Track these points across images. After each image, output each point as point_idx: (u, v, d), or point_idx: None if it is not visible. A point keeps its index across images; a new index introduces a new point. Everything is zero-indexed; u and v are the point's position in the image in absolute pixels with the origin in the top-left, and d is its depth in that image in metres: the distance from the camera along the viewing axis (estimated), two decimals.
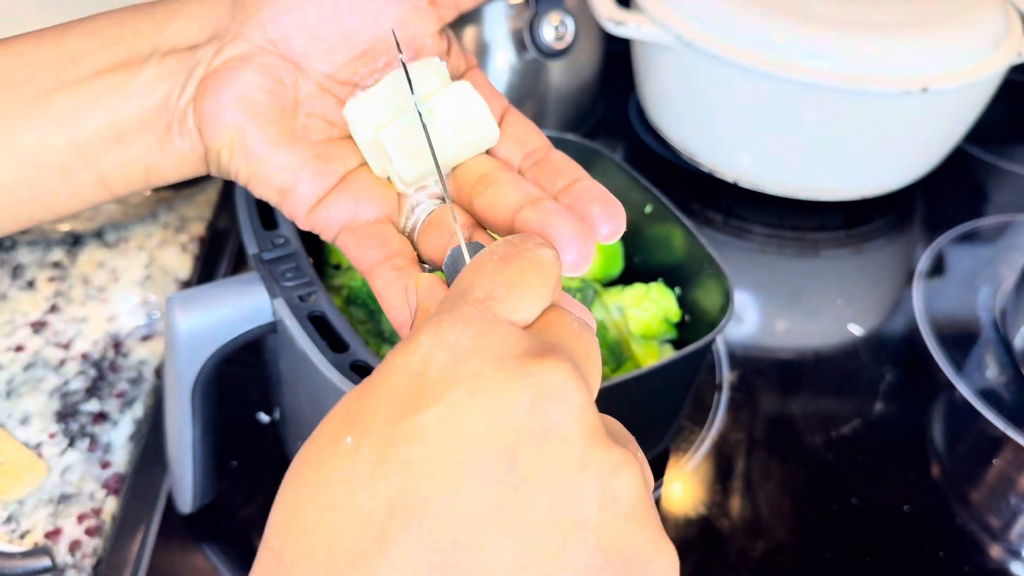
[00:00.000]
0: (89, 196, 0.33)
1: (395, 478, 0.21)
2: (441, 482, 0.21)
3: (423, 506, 0.20)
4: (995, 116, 0.73)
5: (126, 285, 0.58)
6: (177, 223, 0.64)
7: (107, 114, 0.32)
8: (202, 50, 0.32)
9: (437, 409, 0.21)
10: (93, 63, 0.32)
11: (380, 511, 0.20)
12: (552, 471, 0.21)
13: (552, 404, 0.22)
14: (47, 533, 0.45)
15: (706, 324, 0.49)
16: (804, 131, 0.66)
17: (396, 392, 0.22)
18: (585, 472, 0.22)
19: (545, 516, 0.21)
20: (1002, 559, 0.48)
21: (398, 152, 0.32)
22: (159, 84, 0.32)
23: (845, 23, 0.63)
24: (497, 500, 0.21)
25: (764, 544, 0.48)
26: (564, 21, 0.65)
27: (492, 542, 0.20)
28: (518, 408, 0.22)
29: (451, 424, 0.21)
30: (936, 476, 0.52)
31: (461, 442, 0.21)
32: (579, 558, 0.21)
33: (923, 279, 0.66)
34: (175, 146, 0.33)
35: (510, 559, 0.20)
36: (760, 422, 0.55)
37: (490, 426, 0.21)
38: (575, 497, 0.21)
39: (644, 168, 0.64)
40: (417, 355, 0.22)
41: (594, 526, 0.21)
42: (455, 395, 0.21)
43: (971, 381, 0.58)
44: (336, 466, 0.21)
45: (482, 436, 0.21)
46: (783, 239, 0.70)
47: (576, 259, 0.28)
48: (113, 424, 0.50)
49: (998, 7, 0.68)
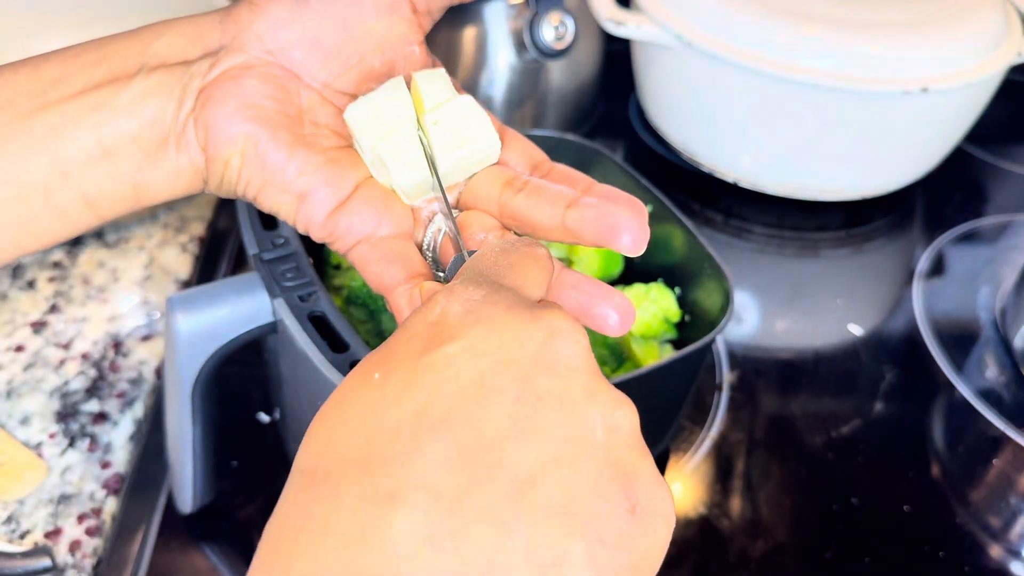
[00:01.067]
0: (75, 220, 0.33)
1: (421, 395, 0.23)
2: (464, 398, 0.23)
3: (448, 416, 0.22)
4: (995, 116, 0.73)
5: (126, 285, 0.58)
6: (177, 223, 0.64)
7: (92, 131, 0.31)
8: (195, 65, 0.32)
9: (458, 343, 0.24)
10: (76, 83, 0.31)
11: (409, 422, 0.22)
12: (564, 396, 0.23)
13: (562, 341, 0.24)
14: (47, 533, 0.45)
15: (706, 324, 0.49)
16: (804, 131, 0.66)
17: (418, 337, 0.24)
18: (592, 401, 0.24)
19: (559, 432, 0.23)
20: (1002, 559, 0.48)
21: (397, 164, 0.32)
22: (148, 98, 0.31)
23: (845, 23, 0.63)
24: (516, 414, 0.23)
25: (764, 544, 0.48)
26: (564, 21, 0.65)
27: (513, 448, 0.22)
28: (531, 342, 0.24)
29: (471, 353, 0.23)
30: (936, 476, 0.52)
31: (481, 367, 0.23)
32: (592, 468, 0.23)
33: (923, 279, 0.66)
34: (169, 162, 0.32)
35: (531, 463, 0.22)
36: (760, 422, 0.54)
37: (507, 355, 0.23)
38: (585, 420, 0.23)
39: (644, 168, 0.64)
40: (435, 309, 0.25)
41: (602, 446, 0.23)
42: (473, 333, 0.24)
43: (971, 381, 0.58)
44: (365, 394, 0.23)
45: (500, 362, 0.23)
46: (783, 239, 0.70)
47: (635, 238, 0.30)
48: (113, 424, 0.50)
49: (998, 7, 0.68)
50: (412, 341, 0.24)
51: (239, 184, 0.33)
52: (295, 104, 0.33)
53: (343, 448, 0.23)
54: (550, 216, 0.31)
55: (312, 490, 0.22)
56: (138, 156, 0.32)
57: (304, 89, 0.33)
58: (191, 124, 0.32)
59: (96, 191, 0.32)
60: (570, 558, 0.21)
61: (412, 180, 0.32)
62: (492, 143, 0.33)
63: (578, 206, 0.31)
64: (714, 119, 0.69)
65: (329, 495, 0.22)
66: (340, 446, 0.23)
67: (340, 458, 0.22)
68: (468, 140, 0.32)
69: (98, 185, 0.32)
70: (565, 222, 0.31)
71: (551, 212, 0.31)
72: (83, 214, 0.32)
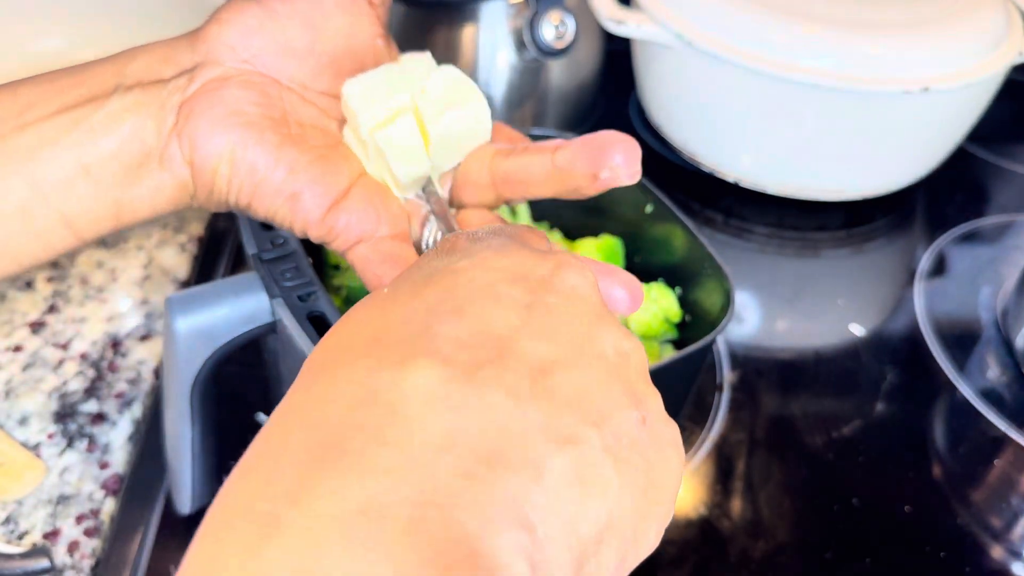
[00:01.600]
0: (54, 241, 0.32)
1: (432, 296, 0.22)
2: (475, 297, 0.22)
3: (460, 309, 0.21)
4: (997, 116, 0.73)
5: (125, 285, 0.58)
6: (176, 223, 0.63)
7: (70, 151, 0.31)
8: (172, 82, 0.32)
9: (467, 259, 0.23)
10: (53, 104, 0.31)
11: (420, 312, 0.21)
12: (572, 314, 0.23)
13: (571, 272, 0.24)
14: (45, 534, 0.44)
15: (707, 324, 0.48)
16: (805, 131, 0.66)
17: (427, 264, 0.24)
18: (601, 325, 0.23)
19: (571, 340, 0.22)
20: (1003, 560, 0.48)
21: (396, 154, 0.32)
22: (126, 115, 0.31)
23: (846, 23, 0.63)
24: (527, 319, 0.22)
25: (765, 545, 0.48)
26: (564, 20, 0.65)
27: (525, 342, 0.21)
28: (541, 269, 0.23)
29: (481, 267, 0.23)
30: (937, 477, 0.52)
31: (491, 277, 0.22)
32: (603, 375, 0.22)
33: (924, 279, 0.66)
34: (151, 179, 0.32)
35: (543, 356, 0.21)
36: (761, 422, 0.54)
37: (517, 273, 0.23)
38: (594, 337, 0.22)
39: (644, 167, 0.64)
40: (444, 244, 0.25)
41: (612, 363, 0.22)
42: (484, 254, 0.23)
43: (972, 381, 0.58)
44: (374, 303, 0.23)
45: (511, 277, 0.23)
46: (784, 239, 0.70)
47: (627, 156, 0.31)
48: (112, 425, 0.50)
49: (999, 6, 0.68)
50: (422, 265, 0.24)
51: (230, 194, 0.33)
52: (279, 107, 0.33)
53: (349, 341, 0.22)
54: (540, 164, 0.32)
55: (316, 375, 0.21)
56: (119, 173, 0.32)
57: (285, 92, 0.33)
58: (174, 139, 0.32)
59: (76, 210, 0.32)
60: (587, 440, 0.20)
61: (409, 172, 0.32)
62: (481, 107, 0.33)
63: (565, 146, 0.31)
64: (714, 119, 0.69)
65: (334, 373, 0.21)
66: (346, 340, 0.22)
67: (346, 348, 0.21)
68: (457, 103, 0.32)
69: (79, 204, 0.32)
70: (555, 163, 0.31)
71: (540, 161, 0.31)
72: (62, 235, 0.32)
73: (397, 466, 0.18)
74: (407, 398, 0.19)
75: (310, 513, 0.17)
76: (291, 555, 0.17)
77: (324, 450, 0.18)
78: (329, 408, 0.19)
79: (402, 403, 0.19)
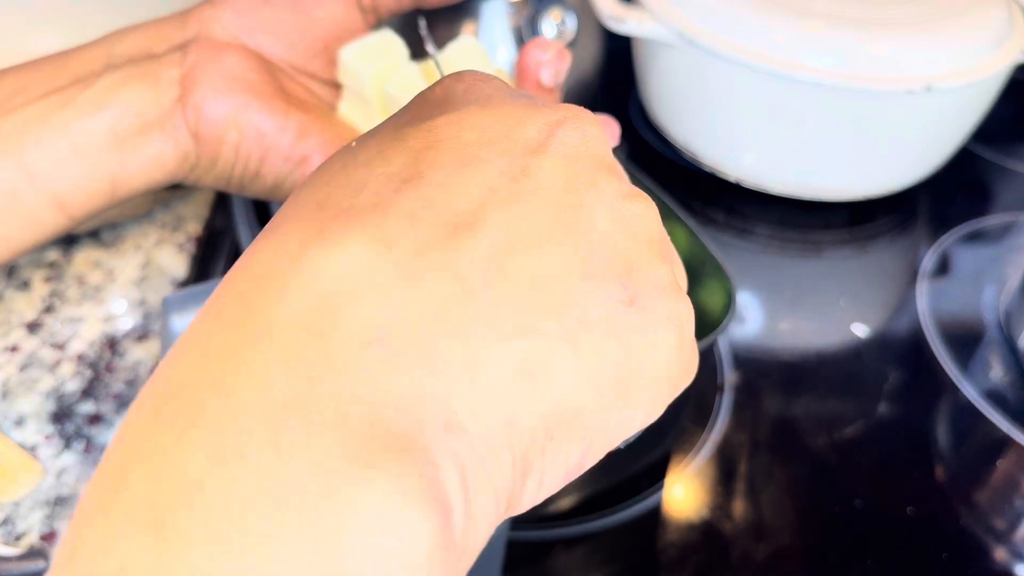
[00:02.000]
0: (45, 223, 0.32)
1: (395, 159, 0.20)
2: (440, 162, 0.20)
3: (419, 176, 0.19)
4: (1001, 115, 0.72)
5: (122, 285, 0.58)
6: (173, 222, 0.63)
7: (59, 130, 0.31)
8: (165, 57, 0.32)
9: (447, 115, 0.21)
10: (41, 88, 0.31)
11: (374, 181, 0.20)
12: (559, 176, 0.20)
13: (568, 129, 0.21)
14: (43, 536, 0.44)
15: (708, 324, 0.48)
16: (807, 130, 0.65)
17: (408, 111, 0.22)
18: (594, 188, 0.21)
19: (547, 210, 0.20)
20: (1007, 562, 0.48)
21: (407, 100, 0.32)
22: (119, 90, 0.31)
23: (848, 21, 0.63)
24: (497, 186, 0.20)
25: (767, 547, 0.47)
26: (565, 18, 0.64)
27: (490, 214, 0.19)
28: (531, 127, 0.21)
29: (459, 125, 0.21)
30: (940, 478, 0.52)
31: (466, 139, 0.20)
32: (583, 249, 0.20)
33: (927, 279, 0.66)
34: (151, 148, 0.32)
35: (508, 231, 0.19)
36: (763, 424, 0.54)
37: (497, 133, 0.21)
38: (581, 205, 0.20)
39: (645, 167, 0.64)
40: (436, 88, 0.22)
41: (601, 233, 0.20)
42: (468, 107, 0.21)
43: (976, 382, 0.58)
44: (336, 159, 0.21)
45: (488, 139, 0.20)
46: (786, 239, 0.70)
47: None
48: (109, 426, 0.49)
49: (1002, 5, 0.67)
50: (401, 114, 0.22)
51: (237, 162, 0.33)
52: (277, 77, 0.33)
53: (299, 207, 0.20)
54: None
55: (255, 247, 0.20)
56: (114, 147, 0.31)
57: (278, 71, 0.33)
58: (179, 110, 0.32)
59: (68, 189, 0.32)
60: (541, 330, 0.19)
61: None
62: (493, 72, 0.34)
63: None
64: (716, 117, 0.69)
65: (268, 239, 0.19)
66: (297, 206, 0.20)
67: (292, 215, 0.20)
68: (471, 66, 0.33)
69: (71, 183, 0.31)
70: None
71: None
72: (54, 216, 0.32)
73: (323, 359, 0.17)
74: (336, 282, 0.18)
75: (235, 403, 0.16)
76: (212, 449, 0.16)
77: (253, 337, 0.17)
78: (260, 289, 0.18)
79: (331, 288, 0.18)
